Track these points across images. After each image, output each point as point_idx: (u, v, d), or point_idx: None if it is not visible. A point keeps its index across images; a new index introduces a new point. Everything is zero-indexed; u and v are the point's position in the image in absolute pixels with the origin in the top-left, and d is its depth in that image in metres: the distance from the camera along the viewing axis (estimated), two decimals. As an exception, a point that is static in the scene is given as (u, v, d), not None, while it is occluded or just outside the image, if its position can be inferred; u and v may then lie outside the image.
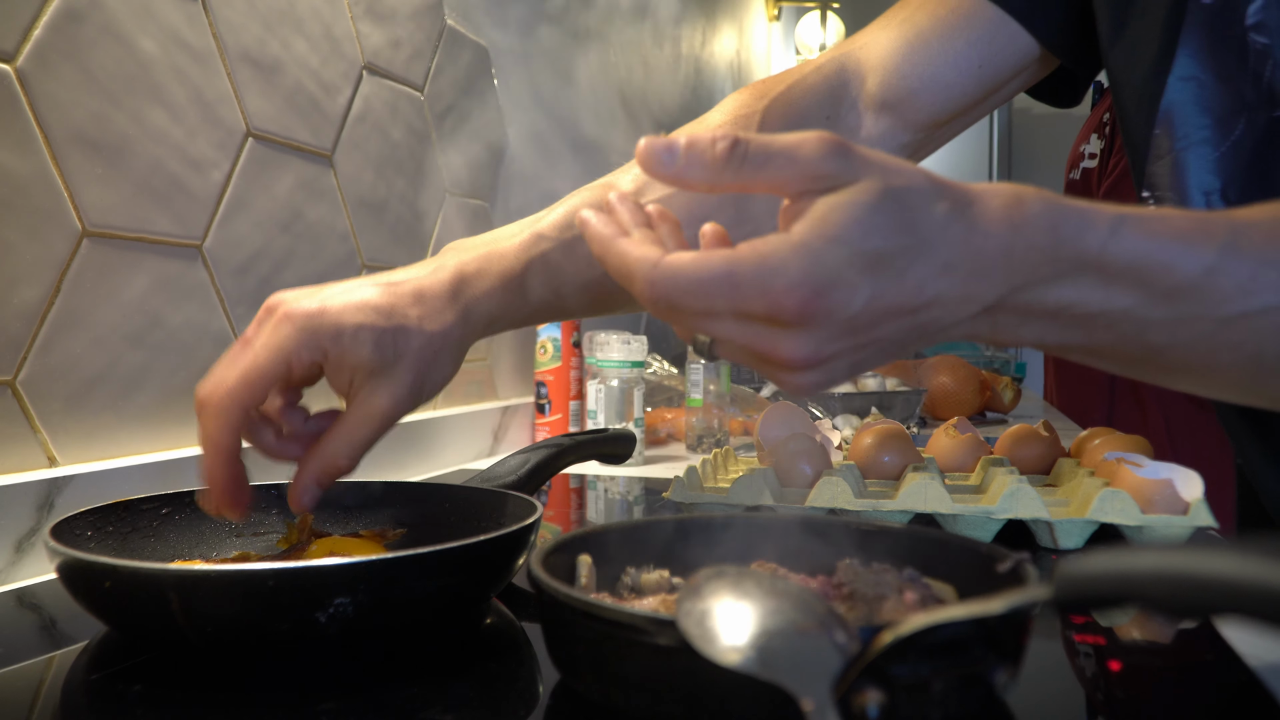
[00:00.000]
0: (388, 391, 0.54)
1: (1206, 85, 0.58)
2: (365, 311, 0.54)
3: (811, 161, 0.38)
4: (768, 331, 0.39)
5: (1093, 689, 0.45)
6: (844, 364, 0.40)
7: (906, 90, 0.71)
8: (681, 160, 0.40)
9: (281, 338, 0.53)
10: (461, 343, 0.58)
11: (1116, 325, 0.41)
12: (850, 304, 0.38)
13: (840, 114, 0.72)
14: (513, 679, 0.46)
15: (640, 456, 1.19)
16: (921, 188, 0.39)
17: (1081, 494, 0.71)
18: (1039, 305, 0.41)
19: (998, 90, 0.73)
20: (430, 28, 1.17)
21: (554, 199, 0.65)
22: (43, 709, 0.44)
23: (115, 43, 0.74)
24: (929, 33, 0.71)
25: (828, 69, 0.73)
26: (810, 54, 3.55)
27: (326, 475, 0.54)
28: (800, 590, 0.34)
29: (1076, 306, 0.41)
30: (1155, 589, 0.28)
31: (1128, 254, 0.40)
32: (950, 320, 0.40)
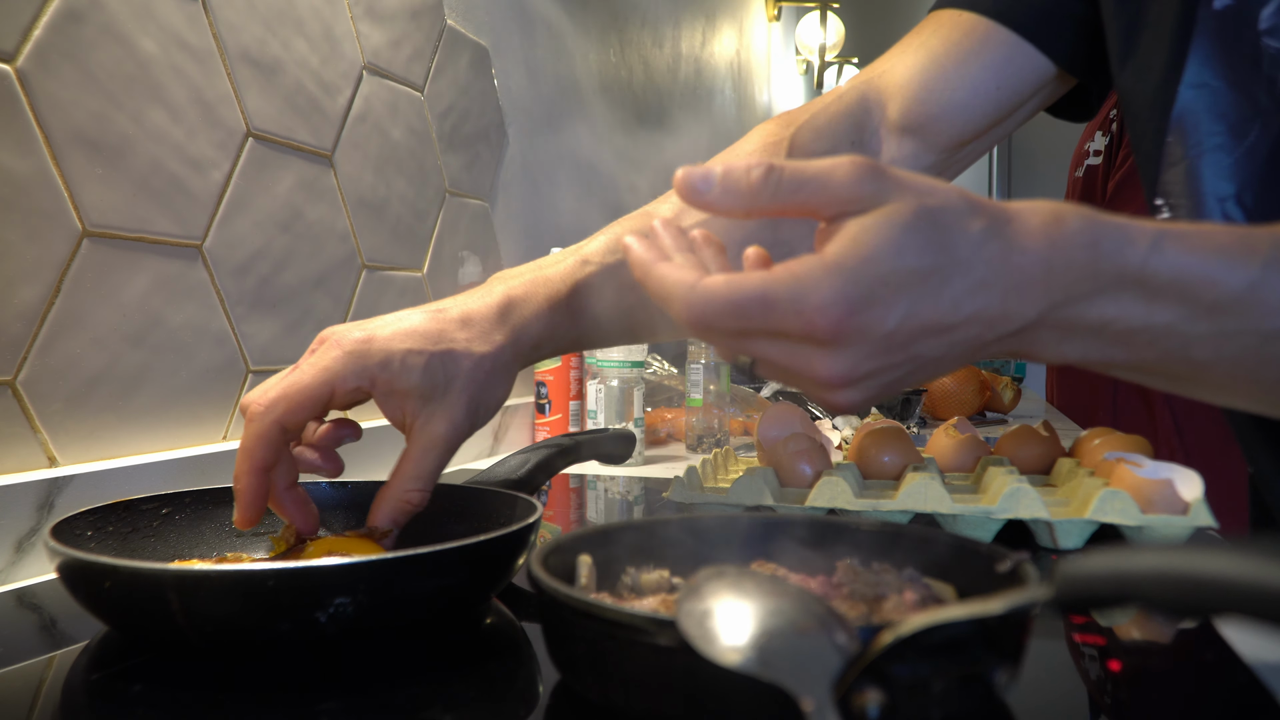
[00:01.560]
0: (444, 417, 0.55)
1: (1219, 91, 0.58)
2: (413, 338, 0.55)
3: (845, 185, 0.39)
4: (804, 350, 0.39)
5: (1093, 689, 0.45)
6: (882, 381, 0.41)
7: (926, 114, 0.73)
8: (718, 188, 0.40)
9: (329, 360, 0.54)
10: (511, 365, 0.59)
11: (1160, 341, 0.41)
12: (885, 322, 0.38)
13: (864, 139, 0.74)
14: (513, 679, 0.46)
15: (640, 456, 1.19)
16: (956, 206, 0.39)
17: (1081, 494, 0.71)
18: (1080, 322, 0.41)
19: (1017, 109, 0.74)
20: (430, 28, 1.17)
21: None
22: (43, 709, 0.44)
23: (115, 43, 0.74)
24: (944, 58, 0.73)
25: (849, 97, 0.74)
26: (810, 54, 3.56)
27: (402, 513, 0.56)
28: (800, 590, 0.34)
29: (1118, 322, 0.41)
30: (1155, 589, 0.28)
31: (1170, 269, 0.40)
32: (990, 337, 0.41)
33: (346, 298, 1.02)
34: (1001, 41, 0.72)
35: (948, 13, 0.75)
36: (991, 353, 0.42)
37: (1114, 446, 0.80)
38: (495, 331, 0.58)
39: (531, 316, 0.60)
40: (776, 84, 3.44)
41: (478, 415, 0.57)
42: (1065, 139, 2.55)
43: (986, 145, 0.77)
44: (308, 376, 0.54)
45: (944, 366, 0.42)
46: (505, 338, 0.58)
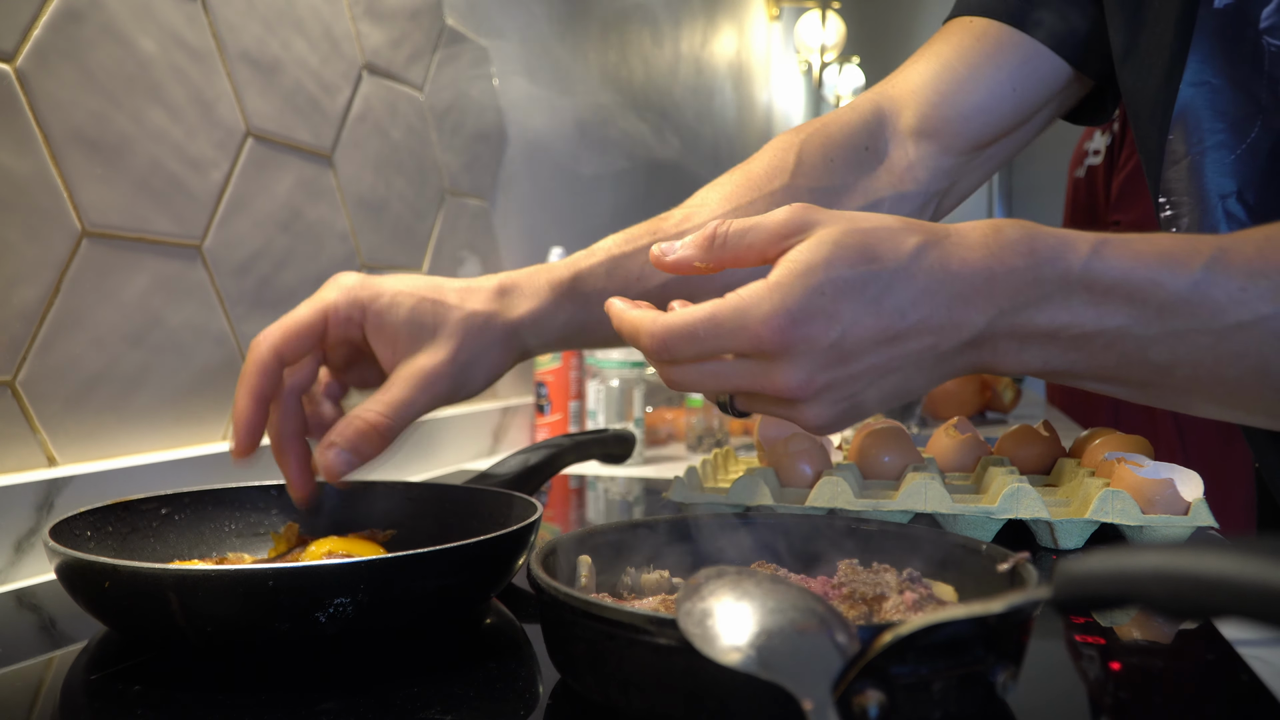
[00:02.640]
0: (427, 355, 0.57)
1: (1219, 89, 0.59)
2: (408, 284, 0.59)
3: (781, 222, 0.43)
4: (759, 366, 0.42)
5: (1093, 689, 0.45)
6: (846, 394, 0.43)
7: (941, 118, 0.74)
8: (679, 251, 0.46)
9: (326, 293, 0.58)
10: (507, 337, 0.61)
11: (1116, 344, 0.42)
12: (829, 331, 0.41)
13: (878, 145, 0.75)
14: (513, 679, 0.46)
15: (640, 456, 1.19)
16: (890, 225, 0.43)
17: (1081, 494, 0.71)
18: (1033, 328, 0.42)
19: (1037, 112, 0.76)
20: (430, 28, 1.17)
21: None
22: (43, 709, 0.44)
23: (115, 43, 0.74)
24: (957, 62, 0.74)
25: (863, 107, 0.76)
26: (810, 54, 3.56)
27: (355, 431, 0.55)
28: (800, 590, 0.34)
29: (1072, 327, 0.42)
30: (1155, 589, 0.28)
31: (1113, 272, 0.41)
32: (947, 347, 0.42)
33: (346, 298, 1.02)
34: (1016, 45, 0.73)
35: (960, 20, 0.76)
36: (957, 366, 0.44)
37: (1114, 446, 0.80)
38: (491, 300, 0.60)
39: (530, 293, 0.62)
40: (776, 84, 3.44)
41: (464, 372, 0.58)
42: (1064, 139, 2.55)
43: (1010, 148, 0.78)
44: (304, 309, 0.57)
45: (911, 381, 0.43)
46: (499, 306, 0.60)
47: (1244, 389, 0.43)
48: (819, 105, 4.53)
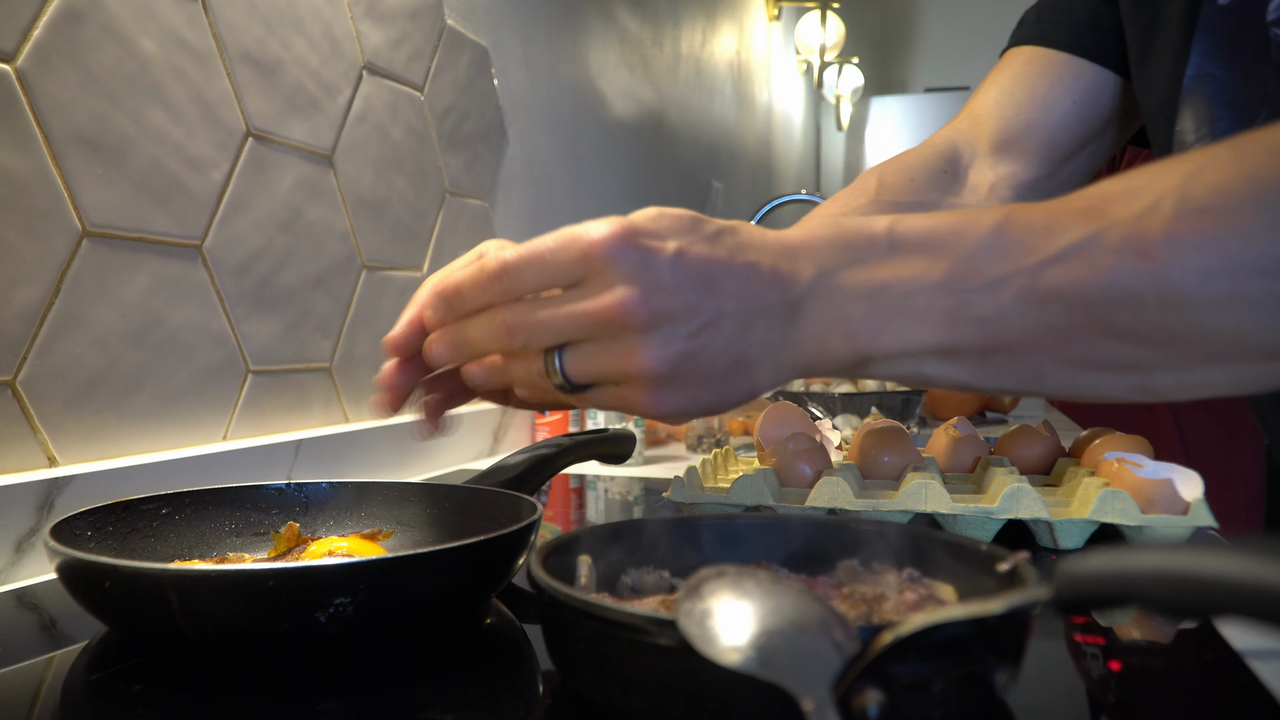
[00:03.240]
0: None
1: (1223, 80, 0.61)
2: None
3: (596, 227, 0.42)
4: (594, 286, 0.41)
5: (1093, 689, 0.45)
6: (683, 333, 0.41)
7: (1009, 136, 0.82)
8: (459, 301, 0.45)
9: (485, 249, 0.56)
10: None
11: (937, 303, 0.42)
12: (664, 246, 0.41)
13: (956, 169, 0.83)
14: (513, 679, 0.46)
15: (640, 456, 1.19)
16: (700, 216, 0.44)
17: (1081, 494, 0.71)
18: (856, 285, 0.42)
19: (1106, 123, 0.82)
20: (430, 28, 1.17)
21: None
22: (43, 709, 0.44)
23: (115, 43, 0.74)
24: (1012, 85, 0.83)
25: (937, 140, 0.85)
26: (810, 54, 3.55)
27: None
28: (800, 590, 0.34)
29: (891, 287, 0.42)
30: (1155, 589, 0.28)
31: (914, 232, 0.42)
32: (780, 301, 0.42)
33: (346, 298, 1.02)
34: (1063, 63, 0.80)
35: (1011, 51, 0.86)
36: (798, 337, 0.42)
37: (1114, 446, 0.80)
38: None
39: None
40: (776, 84, 3.44)
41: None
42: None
43: (1090, 162, 0.84)
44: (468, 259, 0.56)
45: (750, 340, 0.42)
46: None
47: (1075, 335, 0.40)
48: (819, 105, 4.53)
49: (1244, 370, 0.39)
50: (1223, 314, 0.37)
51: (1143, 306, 0.38)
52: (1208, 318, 0.37)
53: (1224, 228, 0.37)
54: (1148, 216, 0.38)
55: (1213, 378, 0.39)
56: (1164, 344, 0.38)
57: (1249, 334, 0.37)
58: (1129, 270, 0.38)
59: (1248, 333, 0.37)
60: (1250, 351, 0.38)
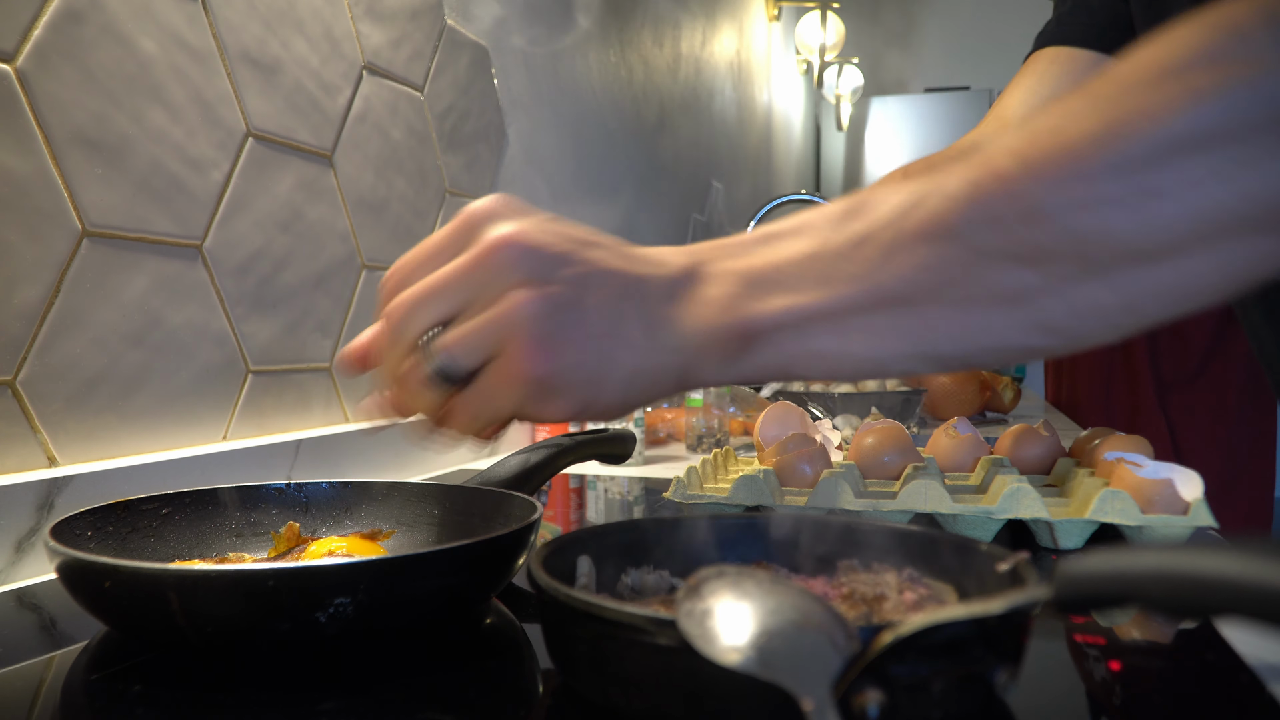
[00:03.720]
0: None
1: None
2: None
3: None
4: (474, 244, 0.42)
5: (1093, 689, 0.45)
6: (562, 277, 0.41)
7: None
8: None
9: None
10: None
11: (809, 270, 0.41)
12: (538, 212, 0.44)
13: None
14: (513, 679, 0.46)
15: (640, 456, 1.19)
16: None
17: (1081, 494, 0.71)
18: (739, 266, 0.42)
19: None
20: (430, 28, 1.17)
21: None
22: (43, 709, 0.43)
23: (115, 43, 0.74)
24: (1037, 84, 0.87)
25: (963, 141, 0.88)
26: (810, 54, 3.55)
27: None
28: (800, 590, 0.34)
29: (773, 261, 0.42)
30: (1155, 589, 0.28)
31: (786, 223, 0.43)
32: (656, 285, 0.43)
33: (346, 298, 1.02)
34: (1086, 60, 0.83)
35: (1034, 55, 0.88)
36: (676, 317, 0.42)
37: (1114, 446, 0.80)
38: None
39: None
40: (776, 84, 3.44)
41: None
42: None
43: None
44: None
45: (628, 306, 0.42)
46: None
47: (949, 270, 0.39)
48: (819, 105, 4.53)
49: (1129, 282, 0.37)
50: (1086, 216, 0.36)
51: (1006, 224, 0.37)
52: (1072, 222, 0.36)
53: (1072, 136, 0.37)
54: (994, 152, 0.38)
55: (1101, 296, 0.37)
56: (1038, 261, 0.37)
57: (1117, 234, 0.36)
58: (985, 193, 0.38)
59: (1115, 233, 0.36)
60: (1123, 254, 0.36)
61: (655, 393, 0.43)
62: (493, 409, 0.43)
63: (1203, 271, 0.36)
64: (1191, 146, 0.35)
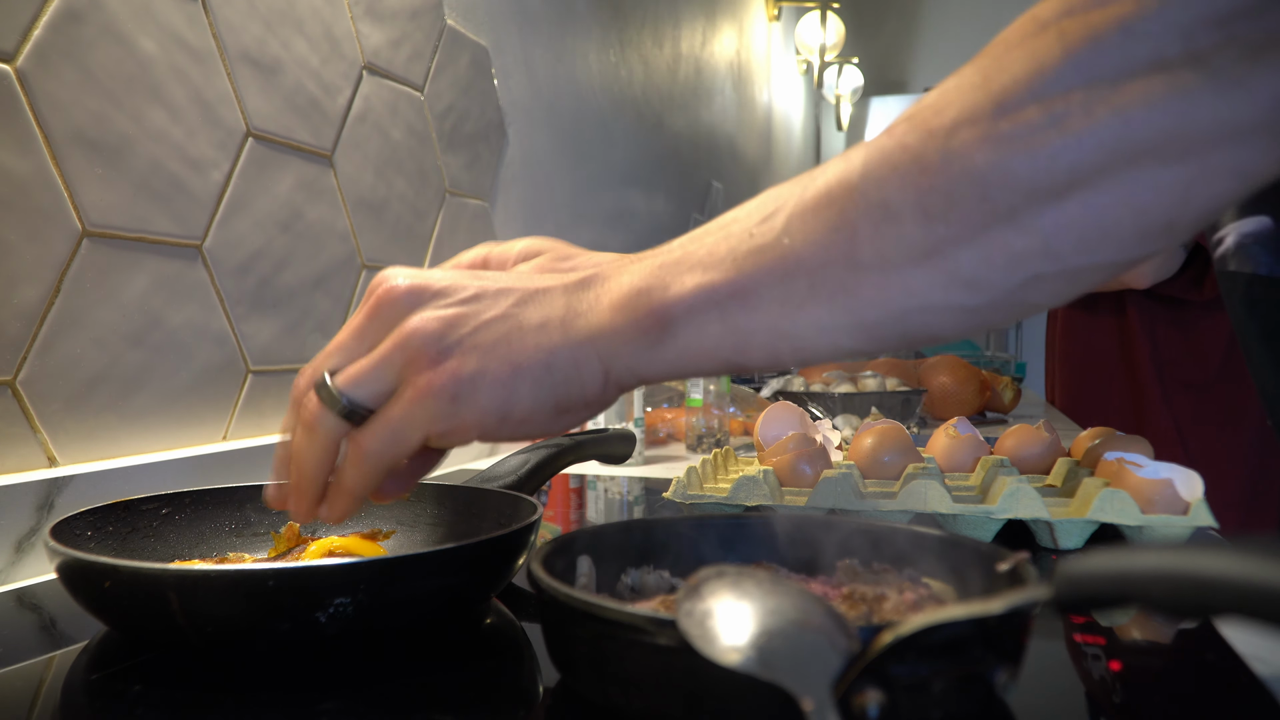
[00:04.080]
0: None
1: None
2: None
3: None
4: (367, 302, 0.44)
5: (1093, 689, 0.45)
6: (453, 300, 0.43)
7: None
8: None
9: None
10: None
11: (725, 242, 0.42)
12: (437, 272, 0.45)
13: None
14: (513, 679, 0.46)
15: (640, 456, 1.19)
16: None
17: (1081, 494, 0.71)
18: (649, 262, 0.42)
19: None
20: (430, 28, 1.17)
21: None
22: (43, 709, 0.43)
23: (115, 43, 0.74)
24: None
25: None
26: (810, 54, 3.55)
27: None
28: (800, 590, 0.34)
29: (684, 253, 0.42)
30: (1155, 589, 0.28)
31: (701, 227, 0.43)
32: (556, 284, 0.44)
33: (346, 298, 1.02)
34: None
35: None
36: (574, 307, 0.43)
37: (1114, 446, 0.80)
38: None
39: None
40: (776, 84, 3.44)
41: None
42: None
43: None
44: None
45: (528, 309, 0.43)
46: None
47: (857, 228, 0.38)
48: (819, 105, 4.53)
49: (1038, 223, 0.36)
50: (980, 156, 0.36)
51: (903, 173, 0.37)
52: (967, 164, 0.36)
53: (953, 91, 0.37)
54: (886, 129, 0.39)
55: (1013, 240, 0.36)
56: (941, 209, 0.37)
57: (1014, 171, 0.35)
58: (880, 150, 0.38)
59: (1012, 169, 0.35)
60: (1025, 192, 0.36)
61: (578, 393, 0.42)
62: (402, 434, 0.42)
63: (1111, 204, 0.35)
64: (1074, 80, 0.35)
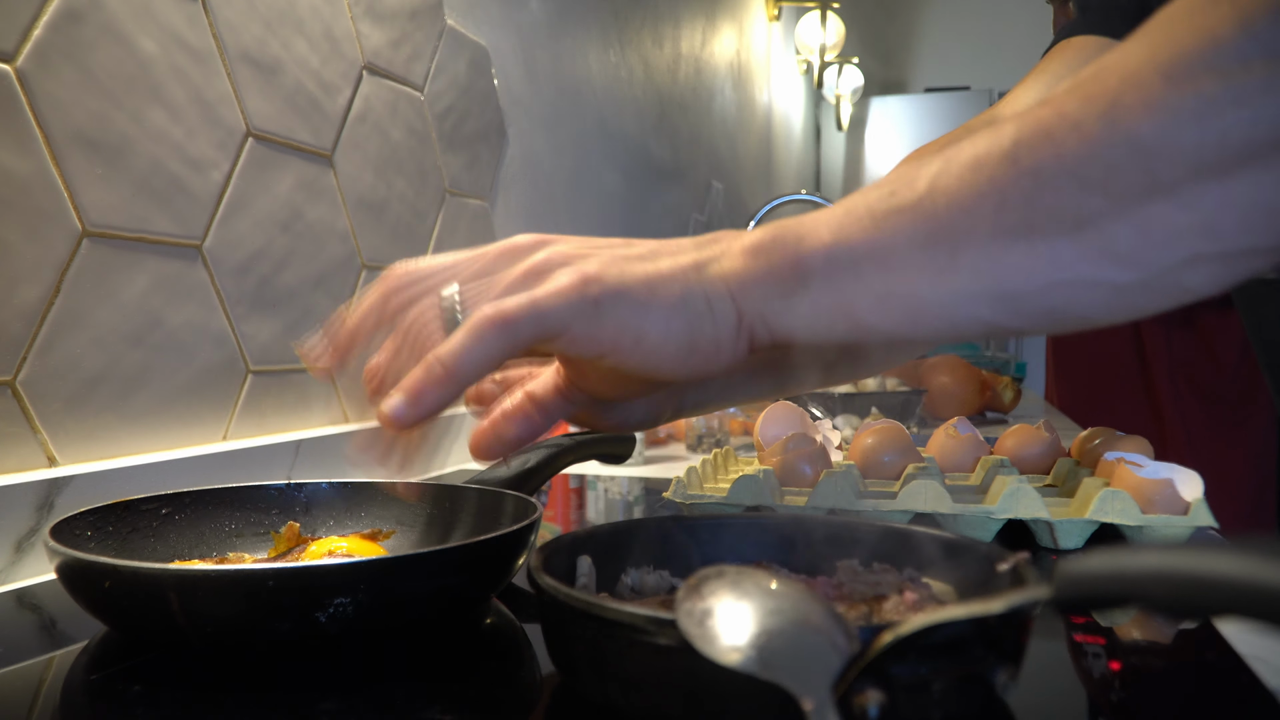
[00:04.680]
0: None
1: None
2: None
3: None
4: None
5: (1093, 689, 0.45)
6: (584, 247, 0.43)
7: None
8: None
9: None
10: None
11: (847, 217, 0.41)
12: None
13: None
14: (513, 679, 0.46)
15: (640, 456, 1.19)
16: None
17: (1081, 494, 0.71)
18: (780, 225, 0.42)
19: None
20: (430, 28, 1.16)
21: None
22: (43, 709, 0.44)
23: (115, 43, 0.74)
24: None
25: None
26: (810, 54, 3.55)
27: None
28: (800, 590, 0.34)
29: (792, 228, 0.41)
30: (1155, 589, 0.28)
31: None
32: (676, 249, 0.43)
33: (346, 298, 1.02)
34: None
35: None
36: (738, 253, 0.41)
37: (1114, 446, 0.80)
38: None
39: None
40: (776, 84, 3.44)
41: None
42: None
43: None
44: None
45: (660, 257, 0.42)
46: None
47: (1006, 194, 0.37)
48: (819, 105, 4.53)
49: (1201, 199, 0.34)
50: (1146, 125, 0.34)
51: (1060, 140, 0.35)
52: (1131, 132, 0.34)
53: (1114, 63, 0.36)
54: (1035, 105, 0.38)
55: (1173, 215, 0.34)
56: (1100, 179, 0.35)
57: (1181, 143, 0.34)
58: (1035, 119, 0.36)
59: (1179, 142, 0.34)
60: (1191, 166, 0.34)
61: (711, 332, 0.40)
62: (544, 317, 0.40)
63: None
64: (1251, 50, 0.33)
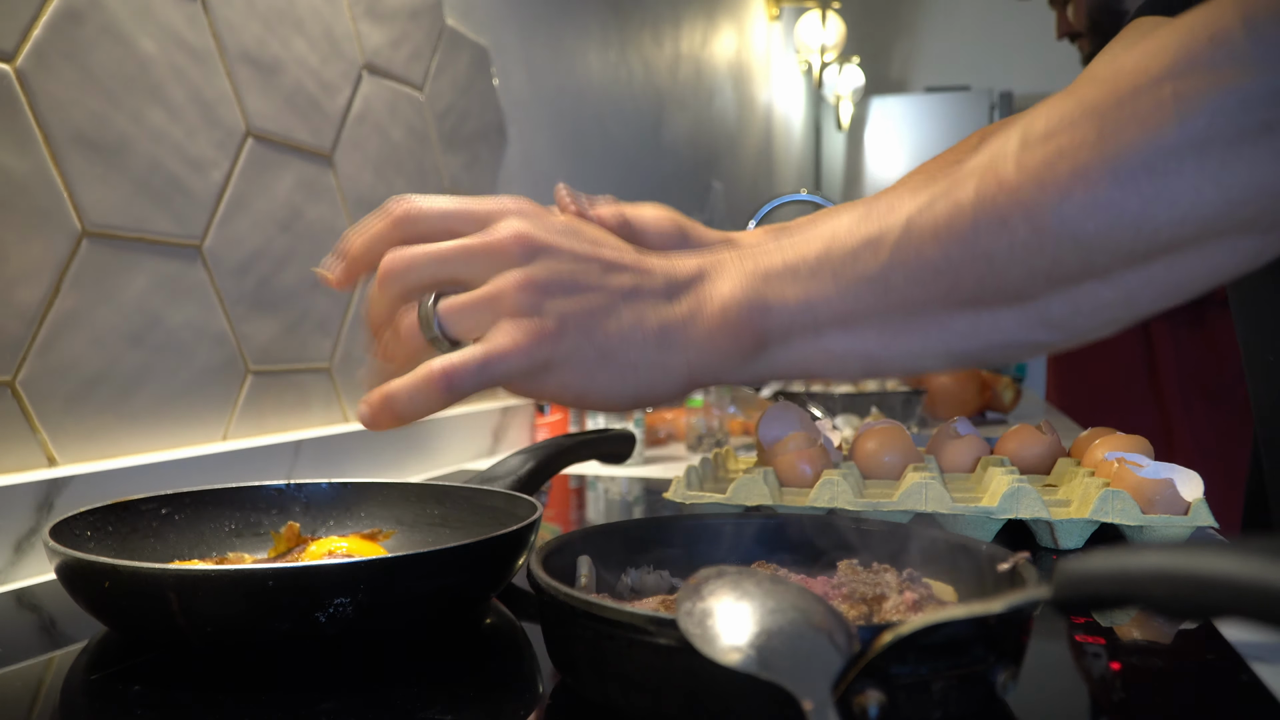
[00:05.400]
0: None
1: None
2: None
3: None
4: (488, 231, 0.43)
5: (1093, 689, 0.45)
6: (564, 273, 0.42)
7: None
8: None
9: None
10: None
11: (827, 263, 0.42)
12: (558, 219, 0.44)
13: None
14: (513, 679, 0.46)
15: (640, 456, 1.19)
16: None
17: (1082, 494, 0.71)
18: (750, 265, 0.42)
19: None
20: (430, 28, 1.16)
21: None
22: (43, 709, 0.44)
23: (115, 43, 0.74)
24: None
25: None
26: (810, 54, 3.55)
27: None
28: (800, 590, 0.34)
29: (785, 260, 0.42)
30: (1155, 589, 0.28)
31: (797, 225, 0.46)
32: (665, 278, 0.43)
33: (346, 298, 1.02)
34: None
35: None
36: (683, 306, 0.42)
37: (1114, 446, 0.80)
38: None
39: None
40: (776, 84, 3.44)
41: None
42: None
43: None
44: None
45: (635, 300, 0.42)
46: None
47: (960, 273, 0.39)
48: (819, 105, 4.53)
49: (1127, 281, 0.38)
50: (1090, 224, 0.37)
51: (1013, 229, 0.38)
52: (1076, 229, 0.37)
53: (1068, 143, 0.37)
54: (997, 160, 0.39)
55: (1102, 293, 0.39)
56: (1047, 269, 0.38)
57: (1118, 239, 0.37)
58: (991, 199, 0.38)
59: (1117, 238, 0.37)
60: (1124, 257, 0.37)
61: (661, 391, 0.43)
62: (484, 373, 0.42)
63: (1193, 267, 0.38)
64: (1186, 152, 0.36)
